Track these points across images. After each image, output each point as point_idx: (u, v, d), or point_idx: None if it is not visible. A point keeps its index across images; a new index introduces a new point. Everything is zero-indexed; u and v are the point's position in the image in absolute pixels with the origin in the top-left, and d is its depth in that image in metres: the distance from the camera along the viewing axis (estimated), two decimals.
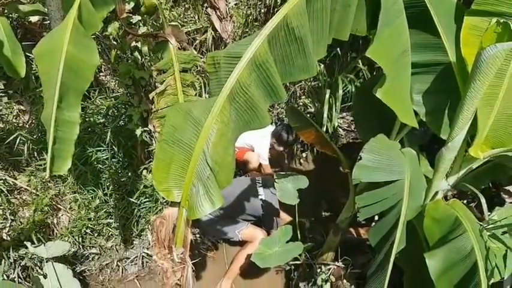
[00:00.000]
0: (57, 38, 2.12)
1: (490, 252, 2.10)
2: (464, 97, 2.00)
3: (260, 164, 4.08)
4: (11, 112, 3.60)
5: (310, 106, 4.60)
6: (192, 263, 3.53)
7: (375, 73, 4.22)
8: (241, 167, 4.28)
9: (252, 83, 1.59)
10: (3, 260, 3.18)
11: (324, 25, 1.70)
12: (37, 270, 3.26)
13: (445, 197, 2.89)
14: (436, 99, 2.42)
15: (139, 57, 2.98)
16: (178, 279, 1.84)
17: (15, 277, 3.21)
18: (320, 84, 4.47)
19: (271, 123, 4.44)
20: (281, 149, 3.98)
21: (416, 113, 2.42)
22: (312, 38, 1.66)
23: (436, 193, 2.59)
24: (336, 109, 4.25)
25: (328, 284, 3.06)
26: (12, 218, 3.38)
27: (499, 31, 1.94)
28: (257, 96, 1.62)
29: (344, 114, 4.59)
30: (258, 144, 4.04)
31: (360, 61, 4.31)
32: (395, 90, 2.19)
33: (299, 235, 3.18)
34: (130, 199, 3.55)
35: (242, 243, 3.59)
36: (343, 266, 3.23)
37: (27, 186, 3.42)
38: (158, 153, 1.67)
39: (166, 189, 1.70)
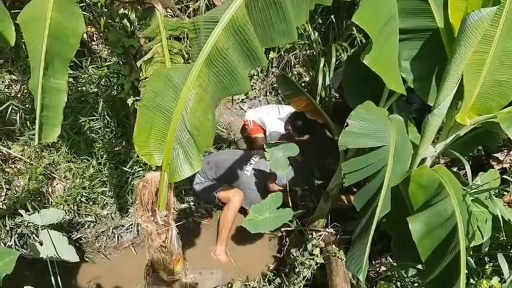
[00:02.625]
0: (40, 5, 2.11)
1: (472, 216, 2.14)
2: (450, 63, 2.00)
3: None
4: (3, 82, 3.60)
5: (304, 75, 4.58)
6: (187, 230, 3.63)
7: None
8: (249, 143, 4.34)
9: (230, 47, 1.59)
10: (0, 228, 3.25)
11: None
12: (33, 238, 3.33)
13: (432, 166, 2.92)
14: (424, 65, 2.41)
15: (128, 24, 2.95)
16: (163, 241, 1.88)
17: (12, 244, 3.28)
18: (314, 53, 4.43)
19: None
20: (294, 137, 3.89)
21: (404, 80, 2.42)
22: (292, 2, 1.64)
23: (424, 160, 2.62)
24: (329, 77, 4.23)
25: (318, 249, 3.12)
26: (7, 187, 3.42)
27: None
28: (236, 61, 1.62)
29: None
30: (271, 125, 4.00)
31: (354, 28, 4.26)
32: (382, 57, 2.19)
33: (290, 202, 3.23)
34: (124, 168, 3.58)
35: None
36: (333, 232, 3.29)
37: (21, 155, 3.44)
38: (139, 118, 1.69)
39: (147, 153, 1.72)
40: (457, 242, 1.95)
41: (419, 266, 2.58)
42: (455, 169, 3.51)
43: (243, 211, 3.62)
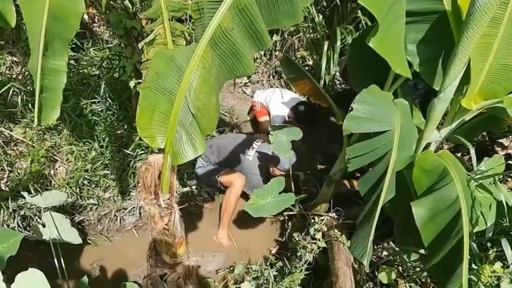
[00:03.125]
0: None
1: (476, 201, 2.13)
2: (457, 46, 1.96)
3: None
4: (4, 63, 3.56)
5: (308, 59, 4.54)
6: (190, 214, 3.64)
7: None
8: (255, 125, 4.36)
9: (234, 28, 1.55)
10: (3, 209, 3.26)
11: None
12: (36, 220, 3.34)
13: (436, 151, 2.91)
14: (431, 49, 2.37)
15: (130, 6, 2.91)
16: (166, 224, 1.88)
17: (15, 226, 3.29)
18: (318, 36, 4.38)
19: (303, 96, 4.29)
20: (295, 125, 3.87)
21: (410, 64, 2.38)
22: None
23: (429, 145, 2.60)
24: (333, 61, 4.19)
25: (320, 233, 3.13)
26: (10, 169, 3.42)
27: None
28: (240, 42, 1.59)
29: None
30: (274, 109, 4.00)
31: (359, 11, 4.20)
32: (388, 40, 2.15)
33: (293, 187, 3.22)
34: (126, 151, 3.57)
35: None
36: (335, 216, 3.29)
37: (23, 138, 3.43)
38: (141, 100, 1.66)
39: (150, 135, 1.70)
40: (461, 228, 1.94)
41: (422, 251, 2.58)
42: (458, 155, 3.49)
43: (244, 195, 3.62)
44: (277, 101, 3.98)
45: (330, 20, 4.45)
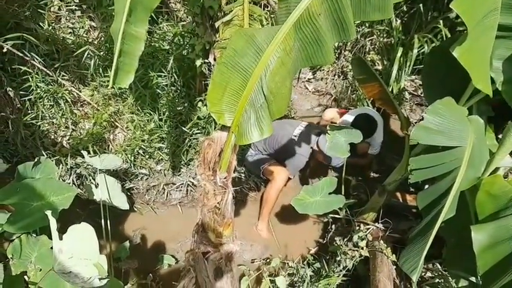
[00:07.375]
0: None
1: None
2: None
3: None
4: (83, 27, 3.69)
5: (378, 63, 4.40)
6: (233, 199, 3.65)
7: None
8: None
9: (322, 13, 1.51)
10: (61, 165, 3.40)
11: None
12: (90, 180, 3.46)
13: (505, 176, 2.73)
14: None
15: None
16: (218, 203, 1.87)
17: (69, 182, 3.43)
18: (393, 41, 4.23)
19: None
20: None
21: (492, 81, 2.24)
22: None
23: (497, 169, 2.44)
24: (406, 70, 4.04)
25: (364, 242, 3.03)
26: (73, 128, 3.56)
27: None
28: (325, 29, 1.54)
29: (413, 77, 4.35)
30: (349, 114, 3.82)
31: (441, 21, 4.00)
32: (474, 51, 2.03)
33: (343, 190, 3.14)
34: (183, 128, 3.62)
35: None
36: (382, 228, 3.18)
37: (90, 100, 3.55)
38: (215, 75, 1.65)
39: (218, 111, 1.69)
40: None
41: (473, 279, 2.44)
42: None
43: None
44: (358, 110, 3.84)
45: (407, 26, 4.28)
